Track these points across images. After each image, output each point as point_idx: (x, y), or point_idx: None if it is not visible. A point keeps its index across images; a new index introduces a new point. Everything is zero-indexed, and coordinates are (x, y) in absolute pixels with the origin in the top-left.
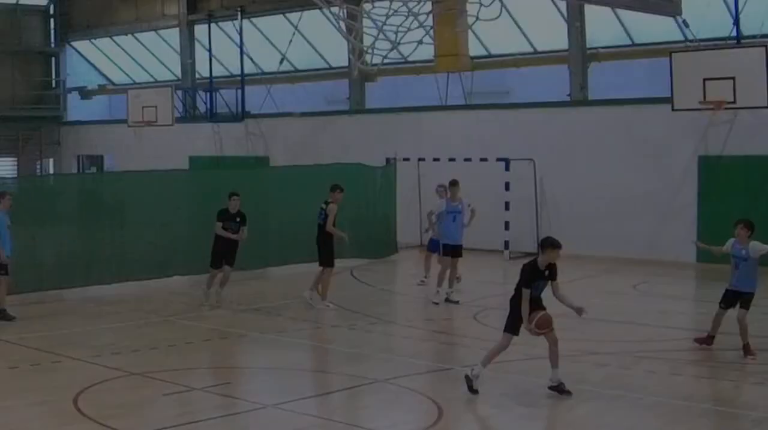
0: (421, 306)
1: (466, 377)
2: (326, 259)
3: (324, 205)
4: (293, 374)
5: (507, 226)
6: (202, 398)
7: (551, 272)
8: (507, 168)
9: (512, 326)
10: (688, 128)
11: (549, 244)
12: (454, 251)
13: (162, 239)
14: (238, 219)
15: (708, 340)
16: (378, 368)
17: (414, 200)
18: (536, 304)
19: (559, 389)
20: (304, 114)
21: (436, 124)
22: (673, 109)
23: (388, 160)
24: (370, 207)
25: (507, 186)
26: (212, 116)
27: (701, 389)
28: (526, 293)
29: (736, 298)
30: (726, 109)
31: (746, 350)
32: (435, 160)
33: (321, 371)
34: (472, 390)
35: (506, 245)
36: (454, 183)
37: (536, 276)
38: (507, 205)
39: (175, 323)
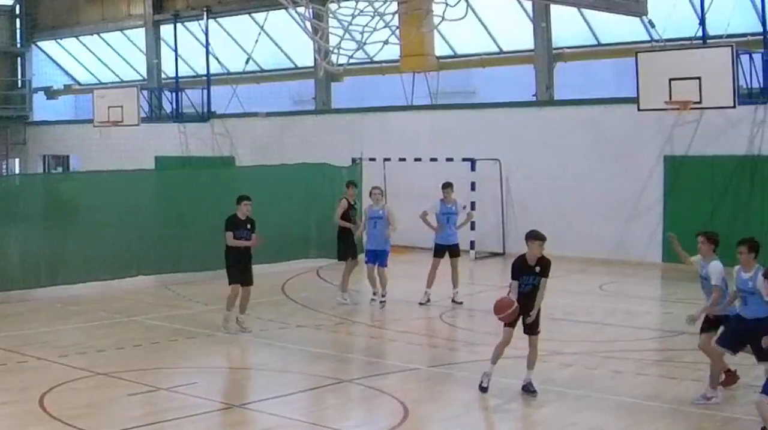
0: (387, 306)
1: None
2: (340, 254)
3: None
4: (259, 374)
5: (473, 226)
6: (168, 397)
7: (542, 268)
8: (473, 168)
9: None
10: (653, 128)
11: (530, 235)
12: (451, 251)
13: (128, 239)
14: (249, 226)
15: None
16: (344, 368)
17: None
18: (528, 299)
19: (526, 388)
20: (270, 114)
21: (402, 124)
22: (638, 109)
23: (353, 160)
24: (337, 208)
25: (473, 186)
26: (178, 116)
27: (667, 389)
28: (513, 284)
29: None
30: (692, 109)
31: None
32: (401, 160)
33: (287, 371)
34: (481, 388)
35: (472, 245)
36: (447, 185)
37: (524, 271)
38: (473, 206)
39: (141, 322)
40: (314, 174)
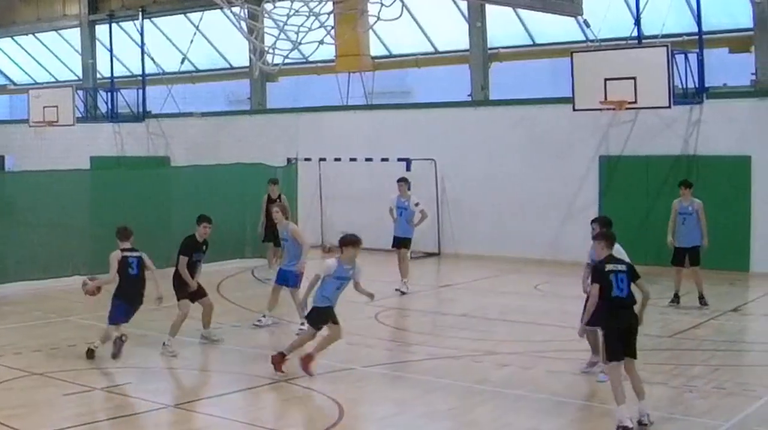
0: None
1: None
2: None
3: None
4: (194, 374)
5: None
6: (102, 398)
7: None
8: (408, 168)
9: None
10: (589, 128)
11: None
12: (400, 243)
13: (63, 239)
14: (204, 249)
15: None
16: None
17: (315, 200)
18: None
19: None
20: (205, 114)
21: (337, 124)
22: (574, 109)
23: (289, 160)
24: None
25: (408, 186)
26: (113, 116)
27: (603, 388)
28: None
29: None
30: (627, 109)
31: None
32: (336, 160)
33: (222, 371)
34: None
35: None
36: (400, 180)
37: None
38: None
39: (76, 322)
40: (249, 174)
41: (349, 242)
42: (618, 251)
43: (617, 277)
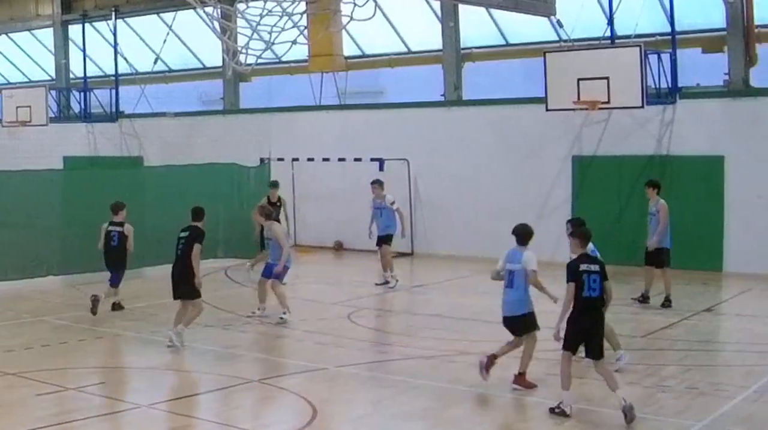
0: (295, 306)
1: None
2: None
3: None
4: (167, 375)
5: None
6: (76, 398)
7: None
8: (381, 168)
9: None
10: (562, 128)
11: None
12: (381, 240)
13: (36, 239)
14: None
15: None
16: (252, 368)
17: (288, 200)
18: None
19: None
20: (178, 114)
21: (310, 124)
22: (547, 109)
23: (262, 160)
24: (244, 207)
25: (382, 187)
26: (86, 116)
27: (575, 388)
28: None
29: None
30: (600, 109)
31: None
32: (309, 160)
33: (195, 371)
34: None
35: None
36: (373, 182)
37: None
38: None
39: (50, 323)
40: (222, 174)
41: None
42: (591, 250)
43: (590, 277)
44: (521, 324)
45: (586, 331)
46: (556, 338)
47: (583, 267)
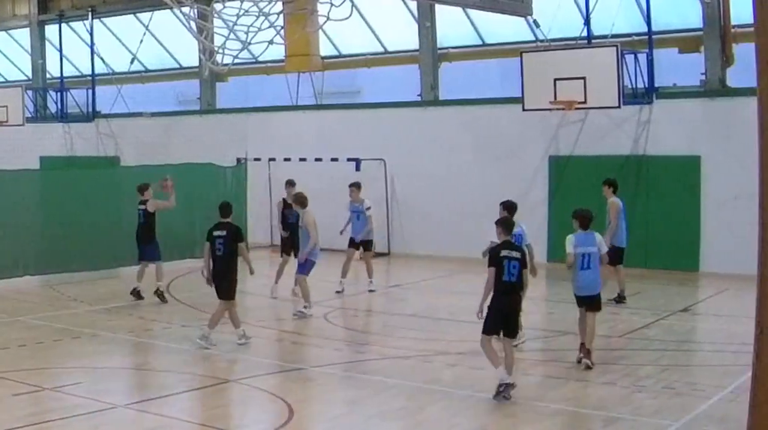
0: (271, 306)
1: None
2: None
3: None
4: (144, 374)
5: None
6: (52, 398)
7: None
8: (357, 168)
9: None
10: (538, 128)
11: None
12: (364, 245)
13: (12, 240)
14: None
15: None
16: (229, 368)
17: (265, 200)
18: None
19: None
20: (154, 114)
21: (286, 124)
22: (523, 109)
23: (238, 160)
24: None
25: (360, 189)
26: (63, 116)
27: (552, 389)
28: None
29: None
30: (577, 109)
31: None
32: (286, 160)
33: (172, 371)
34: None
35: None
36: (351, 185)
37: None
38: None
39: (26, 322)
40: (199, 174)
41: None
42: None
43: (510, 263)
44: (599, 301)
45: (504, 313)
46: (479, 316)
47: (504, 253)
